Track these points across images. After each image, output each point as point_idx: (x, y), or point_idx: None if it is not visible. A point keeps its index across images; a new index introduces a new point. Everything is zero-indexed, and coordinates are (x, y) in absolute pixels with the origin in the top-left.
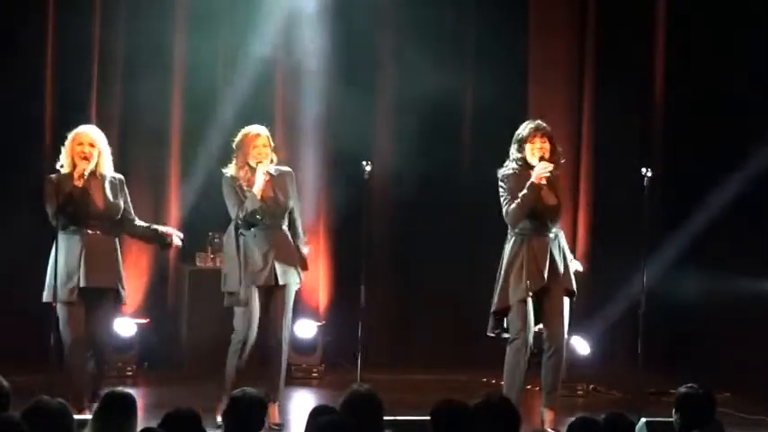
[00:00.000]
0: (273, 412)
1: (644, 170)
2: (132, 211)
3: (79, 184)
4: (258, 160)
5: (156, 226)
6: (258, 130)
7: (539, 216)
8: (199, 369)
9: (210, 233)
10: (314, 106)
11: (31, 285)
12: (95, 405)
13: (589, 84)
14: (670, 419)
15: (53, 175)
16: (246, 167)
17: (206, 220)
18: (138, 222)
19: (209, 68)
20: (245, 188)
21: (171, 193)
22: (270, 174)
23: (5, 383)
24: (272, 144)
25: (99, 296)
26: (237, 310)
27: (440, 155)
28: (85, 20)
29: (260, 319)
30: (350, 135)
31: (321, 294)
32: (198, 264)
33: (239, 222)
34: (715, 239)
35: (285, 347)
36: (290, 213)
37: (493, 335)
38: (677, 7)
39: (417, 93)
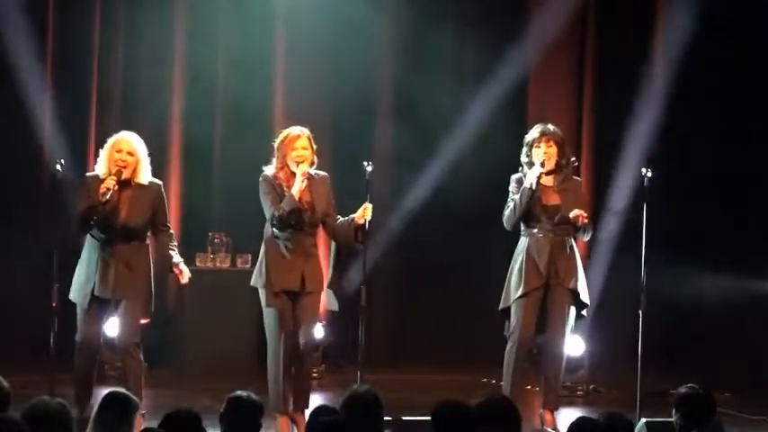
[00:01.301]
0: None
1: (644, 170)
2: (165, 223)
3: (103, 199)
4: (298, 162)
5: (174, 257)
6: (299, 131)
7: (539, 216)
8: (199, 369)
9: (210, 233)
10: (315, 106)
11: (31, 286)
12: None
13: (589, 83)
14: (670, 419)
15: (89, 175)
16: (286, 168)
17: (206, 221)
18: (164, 240)
19: (210, 69)
20: (285, 188)
21: (171, 194)
22: (310, 175)
23: (5, 383)
24: (314, 146)
25: (116, 304)
26: (266, 313)
27: (440, 155)
28: (86, 20)
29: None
30: (351, 135)
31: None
32: (198, 264)
33: (274, 222)
34: (715, 239)
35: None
36: (330, 218)
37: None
38: (677, 7)
39: (416, 94)
